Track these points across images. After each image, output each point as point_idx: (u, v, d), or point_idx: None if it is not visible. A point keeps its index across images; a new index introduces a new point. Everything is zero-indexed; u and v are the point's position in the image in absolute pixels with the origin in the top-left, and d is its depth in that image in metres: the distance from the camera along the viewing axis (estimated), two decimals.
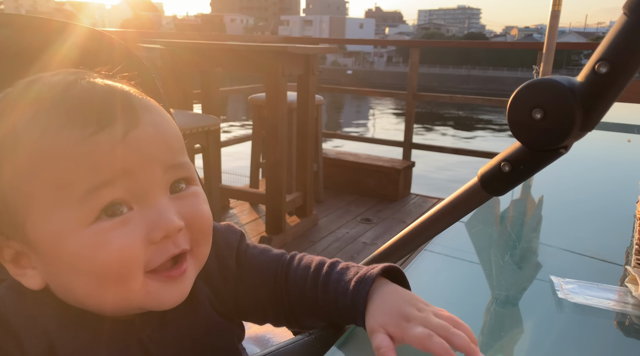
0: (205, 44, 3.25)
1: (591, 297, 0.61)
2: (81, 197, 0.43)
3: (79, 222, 0.43)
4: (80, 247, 0.43)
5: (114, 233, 0.44)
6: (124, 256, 0.44)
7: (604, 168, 1.40)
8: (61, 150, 0.43)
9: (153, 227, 0.45)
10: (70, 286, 0.46)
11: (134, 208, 0.45)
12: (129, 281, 0.45)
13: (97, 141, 0.43)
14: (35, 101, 0.45)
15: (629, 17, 0.38)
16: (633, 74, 0.40)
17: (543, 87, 0.44)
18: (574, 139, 0.45)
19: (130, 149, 0.44)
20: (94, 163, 0.43)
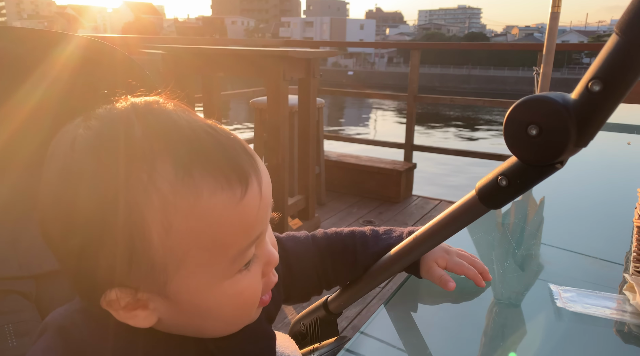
0: (206, 49, 3.26)
1: (589, 306, 0.61)
2: (235, 256, 0.46)
3: (224, 276, 0.47)
4: (221, 297, 0.47)
5: (244, 281, 0.48)
6: (253, 298, 0.50)
7: (604, 171, 1.41)
8: (218, 214, 0.44)
9: (266, 263, 0.51)
10: (201, 327, 0.50)
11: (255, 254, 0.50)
12: (252, 314, 0.52)
13: (246, 204, 0.45)
14: (166, 155, 0.43)
15: (620, 37, 0.39)
16: (625, 93, 0.41)
17: (538, 104, 0.45)
18: (569, 154, 0.45)
19: (265, 207, 0.48)
20: (246, 226, 0.46)
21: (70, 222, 0.43)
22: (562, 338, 0.57)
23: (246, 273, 0.48)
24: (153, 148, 0.43)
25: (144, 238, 0.42)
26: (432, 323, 0.61)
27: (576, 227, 0.96)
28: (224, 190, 0.44)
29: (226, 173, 0.44)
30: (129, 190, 0.42)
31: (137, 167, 0.42)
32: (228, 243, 0.45)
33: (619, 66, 0.40)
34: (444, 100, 4.57)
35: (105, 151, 0.43)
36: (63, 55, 0.67)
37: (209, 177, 0.43)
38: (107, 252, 0.43)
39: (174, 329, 0.50)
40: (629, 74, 0.40)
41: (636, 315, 0.60)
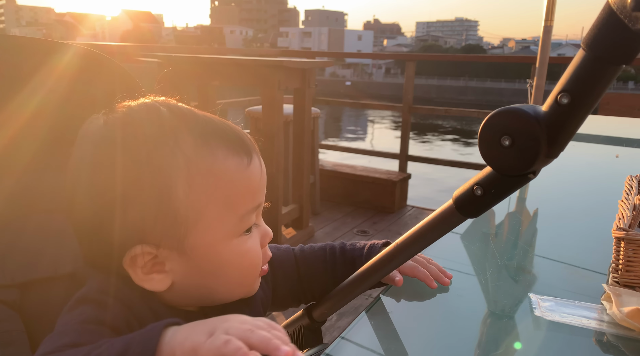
0: (203, 57, 3.28)
1: (567, 315, 0.62)
2: (242, 215, 0.55)
3: (233, 234, 0.55)
4: (230, 253, 0.55)
5: (249, 243, 0.57)
6: (256, 259, 0.58)
7: (593, 184, 1.42)
8: (232, 175, 0.53)
9: (264, 236, 0.60)
10: (211, 284, 0.55)
11: (256, 224, 0.59)
12: (256, 279, 0.60)
13: (251, 171, 0.55)
14: (192, 129, 0.53)
15: (586, 51, 0.41)
16: (593, 105, 0.43)
17: (511, 115, 0.46)
18: (541, 165, 0.47)
19: (264, 182, 0.58)
20: (252, 190, 0.56)
21: (104, 181, 0.50)
22: (538, 346, 0.58)
23: (249, 236, 0.56)
24: (176, 124, 0.52)
25: (170, 193, 0.50)
26: (412, 330, 0.62)
27: (562, 238, 0.97)
28: (234, 157, 0.54)
29: (235, 144, 0.54)
30: (158, 152, 0.50)
31: (165, 135, 0.51)
32: (238, 202, 0.54)
33: (585, 80, 0.41)
34: (438, 111, 4.60)
35: (137, 123, 0.52)
36: (60, 65, 0.68)
37: (222, 146, 0.53)
38: (136, 207, 0.50)
39: (186, 295, 0.55)
40: (596, 87, 0.41)
41: (613, 324, 0.61)
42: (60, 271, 0.64)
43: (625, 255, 0.68)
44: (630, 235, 0.66)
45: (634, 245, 0.67)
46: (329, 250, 0.77)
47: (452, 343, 0.59)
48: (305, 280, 0.76)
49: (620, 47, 0.39)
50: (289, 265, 0.76)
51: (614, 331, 0.59)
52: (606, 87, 0.41)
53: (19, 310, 0.61)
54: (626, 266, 0.68)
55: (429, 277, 0.70)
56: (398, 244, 0.60)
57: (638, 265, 0.67)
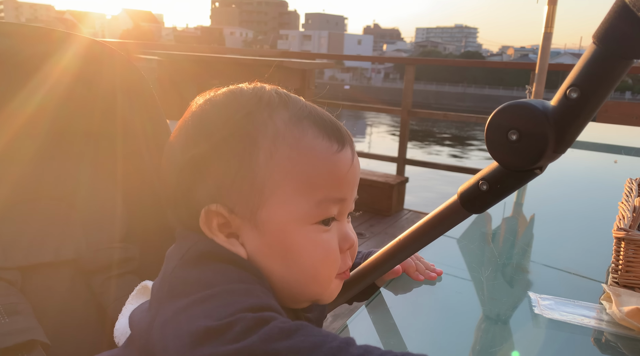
0: (203, 56, 3.28)
1: (566, 313, 0.62)
2: (320, 201, 0.52)
3: (308, 218, 0.52)
4: (303, 239, 0.52)
5: (325, 235, 0.53)
6: (332, 256, 0.54)
7: (592, 188, 1.43)
8: (316, 155, 0.52)
9: (344, 239, 0.55)
10: (284, 272, 0.52)
11: (337, 221, 0.55)
12: (331, 279, 0.55)
13: (339, 160, 0.53)
14: (290, 106, 0.53)
15: (597, 46, 0.41)
16: (602, 100, 0.43)
17: (519, 110, 0.46)
18: (548, 160, 0.47)
19: (352, 178, 0.54)
20: (335, 178, 0.53)
21: (197, 133, 0.53)
22: (537, 343, 0.58)
23: (327, 230, 0.53)
24: (276, 100, 0.53)
25: (252, 156, 0.50)
26: (411, 325, 0.62)
27: (562, 241, 0.97)
28: (324, 140, 0.52)
29: (328, 130, 0.53)
30: (251, 117, 0.52)
31: (261, 105, 0.53)
32: (317, 184, 0.51)
33: (596, 74, 0.41)
34: (437, 115, 4.61)
35: (239, 92, 0.55)
36: (66, 56, 0.68)
37: (314, 127, 0.52)
38: (221, 164, 0.51)
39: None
40: (605, 81, 0.41)
41: (612, 323, 0.61)
42: (62, 257, 0.64)
43: (625, 256, 0.68)
44: (630, 235, 0.66)
45: (634, 246, 0.67)
46: None
47: (451, 339, 0.59)
48: None
49: (632, 41, 0.39)
50: None
51: (613, 330, 0.59)
52: (616, 82, 0.41)
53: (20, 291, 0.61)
54: (626, 266, 0.68)
55: (413, 269, 0.71)
56: (401, 240, 0.60)
57: (638, 266, 0.67)
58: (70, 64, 0.68)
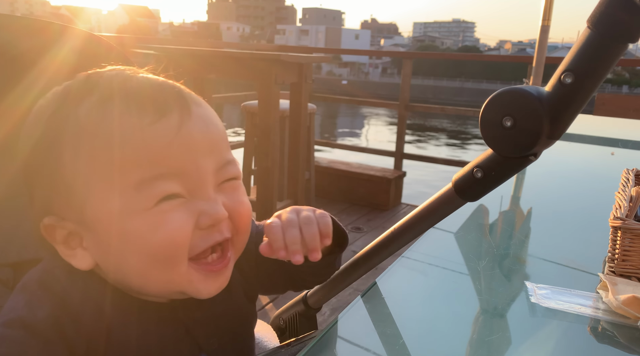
0: (199, 50, 3.26)
1: (563, 302, 0.62)
2: (137, 184, 0.46)
3: (137, 205, 0.46)
4: (137, 227, 0.46)
5: (168, 215, 0.47)
6: (175, 237, 0.47)
7: (588, 180, 1.43)
8: (120, 136, 0.46)
9: (202, 214, 0.48)
10: (122, 266, 0.49)
11: (186, 198, 0.48)
12: (176, 263, 0.48)
13: (155, 131, 0.46)
14: (95, 91, 0.48)
15: (591, 30, 0.40)
16: (597, 85, 0.42)
17: (513, 96, 0.45)
18: (542, 147, 0.46)
19: (185, 146, 0.47)
20: (150, 154, 0.46)
21: (20, 142, 0.50)
22: (534, 332, 0.58)
23: (169, 211, 0.47)
24: (82, 90, 0.48)
25: (58, 160, 0.47)
26: (407, 315, 0.62)
27: (559, 232, 0.97)
28: (133, 115, 0.46)
29: (142, 102, 0.47)
30: (56, 116, 0.48)
31: (69, 100, 0.48)
32: (127, 166, 0.46)
33: (590, 59, 0.41)
34: (435, 109, 4.60)
35: (56, 89, 0.50)
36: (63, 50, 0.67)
37: (122, 104, 0.47)
38: (38, 170, 0.48)
39: (111, 275, 0.51)
40: (600, 65, 0.41)
41: (608, 312, 0.61)
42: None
43: (621, 245, 0.67)
44: (627, 224, 0.66)
45: (631, 235, 0.67)
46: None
47: (447, 329, 0.59)
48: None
49: (626, 24, 0.38)
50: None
51: (610, 318, 0.59)
52: (611, 67, 0.41)
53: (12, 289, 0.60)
54: (622, 255, 0.68)
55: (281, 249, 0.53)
56: (396, 228, 0.59)
57: (634, 255, 0.67)
58: (67, 58, 0.67)
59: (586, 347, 0.57)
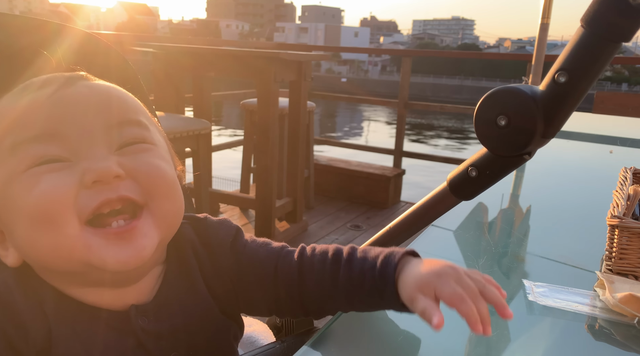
0: (198, 48, 3.26)
1: (560, 300, 0.62)
2: (10, 148, 0.46)
3: (14, 169, 0.46)
4: (15, 191, 0.45)
5: (45, 176, 0.45)
6: (51, 194, 0.44)
7: (587, 178, 1.43)
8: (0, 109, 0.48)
9: (85, 171, 0.45)
10: (16, 239, 0.47)
11: (71, 161, 0.47)
12: (61, 224, 0.45)
13: (27, 98, 0.47)
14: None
15: (585, 29, 0.40)
16: (590, 84, 0.42)
17: (507, 95, 0.45)
18: (536, 146, 0.46)
19: (58, 107, 0.47)
20: (22, 118, 0.46)
21: None
22: (531, 330, 0.58)
23: (45, 170, 0.45)
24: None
25: None
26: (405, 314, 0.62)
27: (557, 230, 0.97)
28: (22, 91, 0.49)
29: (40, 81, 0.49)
30: None
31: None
32: (2, 133, 0.47)
33: (584, 58, 0.41)
34: (434, 107, 4.60)
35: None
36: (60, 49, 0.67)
37: (25, 87, 0.49)
38: None
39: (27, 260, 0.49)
40: (594, 65, 0.41)
41: (605, 310, 0.61)
42: None
43: (619, 243, 0.68)
44: (624, 222, 0.66)
45: (628, 233, 0.67)
46: (332, 260, 0.56)
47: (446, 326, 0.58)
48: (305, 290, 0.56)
49: (620, 23, 0.38)
50: (269, 270, 0.57)
51: (607, 316, 0.60)
52: (605, 65, 0.41)
53: None
54: (620, 254, 0.68)
55: (473, 315, 0.45)
56: (390, 228, 0.59)
57: (631, 253, 0.67)
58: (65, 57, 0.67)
59: (583, 345, 0.57)
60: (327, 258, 0.55)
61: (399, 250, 0.52)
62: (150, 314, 0.52)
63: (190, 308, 0.55)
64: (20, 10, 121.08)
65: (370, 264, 0.52)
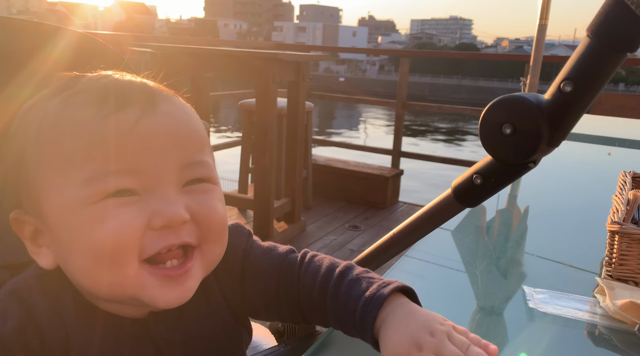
0: (196, 48, 3.25)
1: (560, 307, 0.62)
2: (87, 178, 0.44)
3: (85, 199, 0.44)
4: (81, 221, 0.44)
5: (115, 211, 0.44)
6: (120, 234, 0.44)
7: (585, 181, 1.43)
8: (80, 127, 0.44)
9: (155, 213, 0.45)
10: (71, 264, 0.47)
11: (141, 195, 0.45)
12: (123, 263, 0.44)
13: (110, 124, 0.44)
14: (70, 88, 0.47)
15: (591, 39, 0.40)
16: (596, 93, 0.42)
17: (513, 104, 0.45)
18: (541, 154, 0.46)
19: (142, 141, 0.45)
20: (104, 148, 0.44)
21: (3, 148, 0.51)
22: (532, 337, 0.58)
23: (116, 204, 0.44)
24: (55, 87, 0.49)
25: (23, 150, 0.47)
26: None
27: (556, 234, 0.97)
28: (92, 106, 0.45)
29: (105, 94, 0.46)
30: (29, 114, 0.48)
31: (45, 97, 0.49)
32: (80, 159, 0.44)
33: (589, 67, 0.41)
34: (432, 107, 4.60)
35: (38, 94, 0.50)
36: (56, 50, 0.67)
37: (85, 97, 0.46)
38: (10, 171, 0.49)
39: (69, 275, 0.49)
40: (599, 74, 0.41)
41: (605, 317, 0.61)
42: None
43: (619, 249, 0.68)
44: (624, 228, 0.67)
45: (628, 239, 0.67)
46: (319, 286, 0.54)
47: None
48: (302, 303, 0.56)
49: (626, 34, 0.38)
50: (272, 279, 0.57)
51: (607, 323, 0.60)
52: (610, 75, 0.41)
53: None
54: (620, 259, 0.68)
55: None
56: (395, 233, 0.59)
57: (632, 259, 0.67)
58: (62, 57, 0.67)
59: (584, 352, 0.57)
60: (315, 283, 0.54)
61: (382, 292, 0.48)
62: (168, 321, 0.52)
63: (206, 316, 0.55)
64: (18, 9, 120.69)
65: (352, 308, 0.50)
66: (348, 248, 3.23)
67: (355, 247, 3.26)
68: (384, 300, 0.48)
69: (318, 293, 0.54)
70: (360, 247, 3.26)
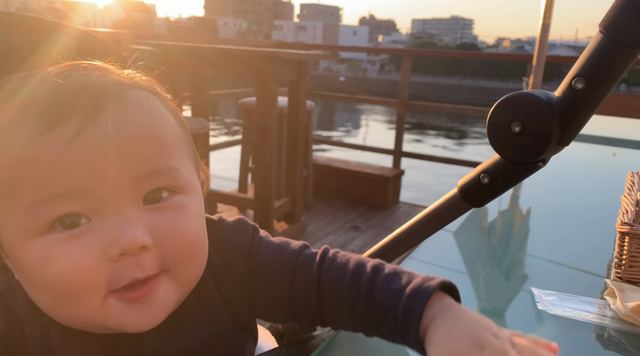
0: (196, 47, 3.24)
1: (570, 309, 0.61)
2: (28, 206, 0.39)
3: (30, 230, 0.40)
4: (30, 258, 0.40)
5: (65, 247, 0.40)
6: (73, 273, 0.40)
7: (590, 181, 1.42)
8: (10, 150, 0.40)
9: (110, 242, 0.40)
10: (32, 295, 0.44)
11: (92, 220, 0.41)
12: (84, 299, 0.41)
13: (45, 143, 0.39)
14: (8, 98, 0.42)
15: (604, 35, 0.39)
16: (608, 90, 0.41)
17: (522, 101, 0.44)
18: (551, 153, 0.45)
19: (83, 157, 0.39)
20: (40, 171, 0.39)
21: None
22: None
23: (64, 238, 0.40)
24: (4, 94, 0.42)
25: None
26: None
27: (561, 235, 0.96)
28: (27, 125, 0.39)
29: (41, 108, 0.40)
30: None
31: None
32: (18, 186, 0.40)
33: (602, 64, 0.40)
34: (433, 107, 4.59)
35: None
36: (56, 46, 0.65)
37: (22, 111, 0.40)
38: None
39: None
40: (612, 71, 0.39)
41: (616, 319, 0.59)
42: None
43: (629, 251, 0.66)
44: (635, 229, 0.65)
45: (639, 240, 0.66)
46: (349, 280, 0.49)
47: None
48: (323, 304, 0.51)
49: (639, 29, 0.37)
50: (285, 278, 0.52)
51: (618, 326, 0.58)
52: (623, 72, 0.40)
53: None
54: (630, 261, 0.67)
55: None
56: (400, 233, 0.58)
57: None
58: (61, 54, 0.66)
59: (594, 355, 0.56)
60: (344, 277, 0.49)
61: (429, 284, 0.43)
62: (161, 334, 0.49)
63: (204, 327, 0.52)
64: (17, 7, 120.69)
65: (393, 301, 0.44)
66: (349, 249, 3.22)
67: (356, 248, 3.25)
68: (430, 293, 0.42)
69: (349, 288, 0.48)
70: (361, 248, 3.25)
